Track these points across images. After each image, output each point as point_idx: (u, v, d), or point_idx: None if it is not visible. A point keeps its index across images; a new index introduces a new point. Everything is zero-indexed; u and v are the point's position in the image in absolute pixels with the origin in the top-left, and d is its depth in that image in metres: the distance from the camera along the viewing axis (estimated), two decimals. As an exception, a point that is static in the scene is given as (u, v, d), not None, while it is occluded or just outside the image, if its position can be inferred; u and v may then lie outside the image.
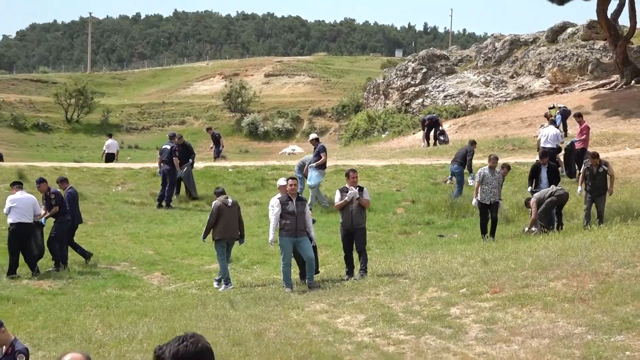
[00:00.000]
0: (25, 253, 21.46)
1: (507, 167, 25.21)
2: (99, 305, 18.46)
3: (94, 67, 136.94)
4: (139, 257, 23.38)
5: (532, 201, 23.65)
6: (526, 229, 23.91)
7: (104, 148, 48.55)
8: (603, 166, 23.25)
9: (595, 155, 23.76)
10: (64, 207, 22.29)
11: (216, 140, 44.67)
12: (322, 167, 28.83)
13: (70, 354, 7.30)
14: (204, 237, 20.54)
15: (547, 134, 30.97)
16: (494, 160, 23.96)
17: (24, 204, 21.31)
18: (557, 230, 22.85)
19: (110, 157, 45.63)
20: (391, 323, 14.94)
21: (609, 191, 23.44)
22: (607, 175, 23.32)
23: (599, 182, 23.12)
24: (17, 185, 22.25)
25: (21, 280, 20.97)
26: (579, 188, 24.00)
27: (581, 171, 24.70)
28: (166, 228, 27.17)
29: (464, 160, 29.34)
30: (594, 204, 23.40)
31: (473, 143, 32.00)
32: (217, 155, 43.86)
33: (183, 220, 28.28)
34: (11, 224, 21.09)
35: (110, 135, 52.76)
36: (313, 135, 31.73)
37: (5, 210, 21.50)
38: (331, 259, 22.10)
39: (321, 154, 28.99)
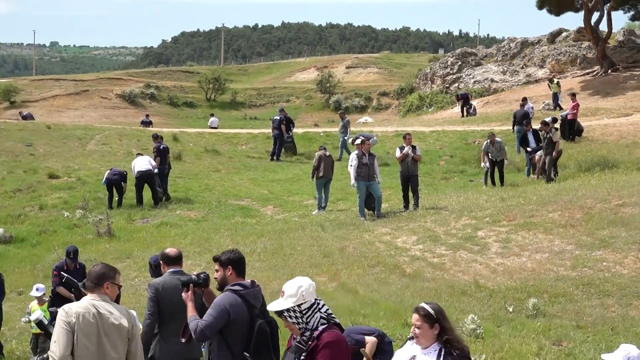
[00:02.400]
0: (153, 195, 21.98)
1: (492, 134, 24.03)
2: (230, 229, 18.75)
3: (225, 62, 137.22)
4: (257, 195, 23.57)
5: (537, 159, 23.19)
6: (532, 176, 23.63)
7: (209, 123, 47.88)
8: (549, 133, 22.10)
9: (545, 124, 22.62)
10: (163, 158, 22.57)
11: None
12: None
13: (170, 247, 7.78)
14: (312, 177, 20.86)
15: (530, 108, 30.70)
16: (492, 137, 23.01)
17: (142, 159, 22.09)
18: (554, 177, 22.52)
19: None
20: (435, 242, 15.00)
21: (555, 152, 21.91)
22: (553, 140, 21.99)
23: (546, 144, 21.89)
24: (139, 154, 23.24)
25: (175, 210, 21.37)
26: (539, 153, 23.05)
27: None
28: (276, 175, 27.31)
29: (523, 119, 27.06)
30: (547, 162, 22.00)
31: (525, 99, 31.76)
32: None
33: (288, 169, 28.39)
34: (136, 172, 21.66)
35: (212, 115, 52.19)
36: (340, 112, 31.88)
37: (134, 172, 21.92)
38: (393, 197, 22.05)
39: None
